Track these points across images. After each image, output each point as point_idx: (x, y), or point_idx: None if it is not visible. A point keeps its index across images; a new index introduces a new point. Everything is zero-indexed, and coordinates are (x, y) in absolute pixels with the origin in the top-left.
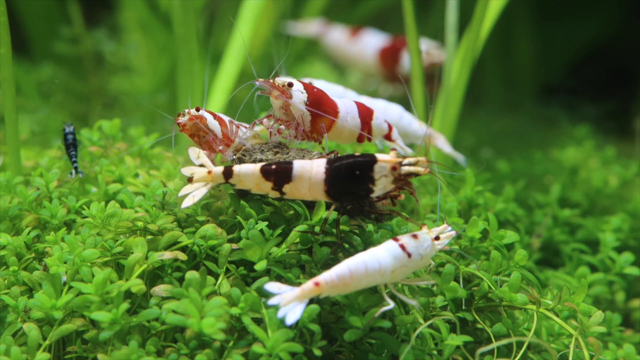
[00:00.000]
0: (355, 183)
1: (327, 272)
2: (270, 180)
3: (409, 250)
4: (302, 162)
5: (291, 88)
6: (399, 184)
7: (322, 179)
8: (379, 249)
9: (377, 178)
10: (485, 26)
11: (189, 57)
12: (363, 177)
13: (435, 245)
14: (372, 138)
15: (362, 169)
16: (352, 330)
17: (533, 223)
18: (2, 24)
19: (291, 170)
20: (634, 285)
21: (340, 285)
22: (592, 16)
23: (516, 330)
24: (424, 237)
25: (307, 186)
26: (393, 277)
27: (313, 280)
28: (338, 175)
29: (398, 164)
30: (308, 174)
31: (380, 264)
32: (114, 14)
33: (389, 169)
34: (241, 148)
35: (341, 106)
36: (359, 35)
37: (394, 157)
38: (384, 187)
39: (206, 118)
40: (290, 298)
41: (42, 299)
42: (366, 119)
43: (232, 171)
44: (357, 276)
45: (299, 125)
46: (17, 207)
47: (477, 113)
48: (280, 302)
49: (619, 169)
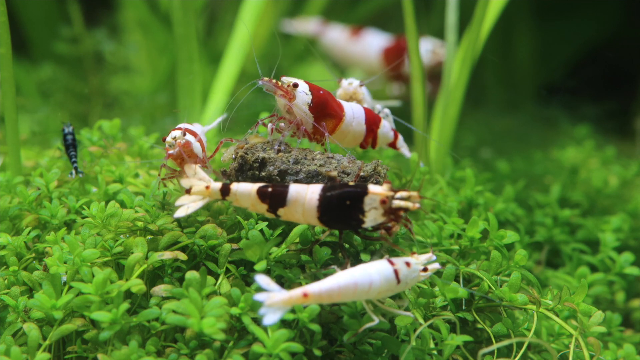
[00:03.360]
0: (346, 213)
1: (317, 284)
2: (266, 202)
3: (400, 277)
4: (298, 187)
5: (296, 89)
6: (390, 217)
7: (316, 205)
8: (373, 268)
9: (367, 210)
10: (485, 26)
11: (189, 57)
12: (353, 208)
13: (420, 276)
14: (377, 145)
15: (353, 199)
16: (351, 332)
17: (533, 223)
18: (2, 24)
19: (286, 195)
20: (634, 285)
21: (326, 299)
22: (592, 16)
23: (516, 330)
24: (415, 267)
25: (301, 211)
26: (377, 296)
27: (302, 290)
28: (330, 203)
29: (388, 197)
30: (302, 199)
31: (371, 284)
32: (114, 14)
33: (378, 202)
34: (243, 146)
35: (348, 110)
36: (360, 35)
37: (385, 190)
38: (375, 219)
39: (191, 142)
40: (275, 300)
41: (42, 299)
42: (372, 127)
43: (229, 189)
44: (345, 293)
45: (300, 125)
46: (17, 207)
47: (477, 113)
48: (265, 301)
49: (619, 169)
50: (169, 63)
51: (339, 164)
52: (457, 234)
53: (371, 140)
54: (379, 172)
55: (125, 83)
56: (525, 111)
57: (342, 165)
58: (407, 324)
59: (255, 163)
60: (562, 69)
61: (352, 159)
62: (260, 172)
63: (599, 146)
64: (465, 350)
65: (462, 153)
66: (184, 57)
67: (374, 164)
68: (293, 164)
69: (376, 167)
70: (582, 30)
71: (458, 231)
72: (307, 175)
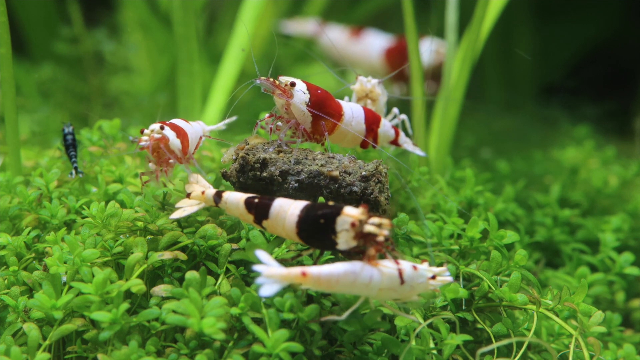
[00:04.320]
0: (321, 232)
1: (318, 268)
2: (252, 213)
3: (404, 278)
4: (283, 201)
5: (293, 88)
6: (361, 241)
7: (295, 221)
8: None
9: (339, 231)
10: (485, 26)
11: (189, 57)
12: (327, 228)
13: (429, 284)
14: (377, 145)
15: (327, 219)
16: (351, 331)
17: (533, 223)
18: (2, 24)
19: (269, 207)
20: (634, 285)
21: (324, 286)
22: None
23: (516, 330)
24: (423, 272)
25: (282, 225)
26: (378, 295)
27: (302, 269)
28: (307, 221)
29: (359, 221)
30: (284, 214)
31: (371, 279)
32: (114, 14)
33: (349, 225)
34: (244, 147)
35: (347, 110)
36: (360, 35)
37: (357, 214)
38: (347, 242)
39: (169, 138)
40: (274, 273)
41: (42, 299)
42: (372, 126)
43: (221, 196)
44: (344, 282)
45: (299, 124)
46: (17, 207)
47: (477, 113)
48: (263, 272)
49: (619, 169)
50: (169, 63)
51: (340, 164)
52: (457, 234)
53: (372, 139)
54: (380, 171)
55: (125, 83)
56: (525, 111)
57: (343, 164)
58: (407, 324)
59: (257, 163)
60: (562, 69)
61: (352, 159)
62: (262, 172)
63: (599, 146)
64: (466, 350)
65: (462, 153)
66: (184, 57)
67: (375, 164)
68: (294, 164)
69: (377, 167)
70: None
71: (458, 231)
72: (308, 175)
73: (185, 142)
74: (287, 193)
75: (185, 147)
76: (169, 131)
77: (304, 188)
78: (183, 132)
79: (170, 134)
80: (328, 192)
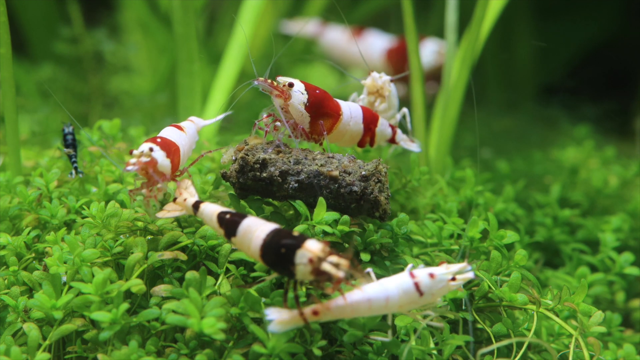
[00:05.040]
0: (280, 261)
1: (327, 303)
2: (222, 227)
3: (422, 289)
4: (252, 221)
5: (291, 88)
6: (317, 278)
7: (260, 244)
8: (392, 283)
9: (297, 263)
10: (486, 26)
11: (189, 57)
12: (287, 258)
13: (450, 286)
14: (374, 144)
15: (287, 249)
16: (351, 332)
17: (533, 223)
18: (2, 24)
19: (238, 225)
20: (634, 285)
21: (338, 316)
22: (592, 16)
23: (516, 330)
24: (441, 277)
25: (248, 245)
26: (399, 309)
27: (312, 309)
28: (270, 247)
29: (317, 258)
30: (251, 235)
31: (387, 299)
32: (114, 14)
33: (307, 259)
34: (243, 148)
35: (345, 110)
36: (361, 35)
37: (317, 250)
38: (303, 275)
39: (157, 161)
40: (286, 318)
41: (42, 299)
42: (370, 125)
43: (198, 208)
44: (358, 309)
45: (297, 124)
46: (17, 207)
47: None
48: (276, 318)
49: (619, 169)
50: (169, 63)
51: (340, 164)
52: (457, 234)
53: (369, 139)
54: (380, 170)
55: (125, 83)
56: (525, 111)
57: (343, 164)
58: (407, 323)
59: (256, 164)
60: (562, 69)
61: (352, 159)
62: (262, 173)
63: (599, 146)
64: (467, 350)
65: (462, 153)
66: (184, 57)
67: (375, 163)
68: (294, 165)
69: (377, 166)
70: (582, 31)
71: (458, 231)
72: (308, 175)
73: (176, 158)
74: (287, 193)
75: (176, 165)
76: (158, 152)
77: (303, 188)
78: (174, 148)
79: (159, 155)
80: (328, 192)
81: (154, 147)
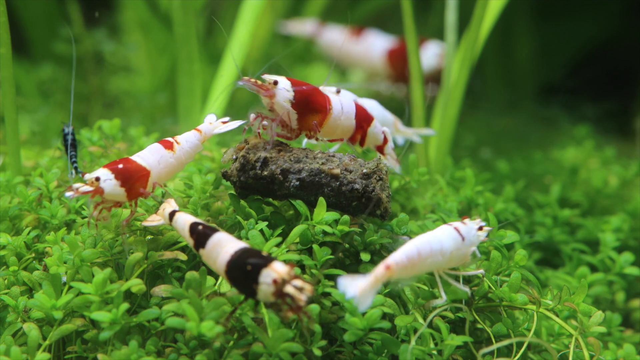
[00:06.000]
0: (245, 278)
1: (395, 254)
2: (193, 238)
3: (462, 234)
4: (222, 237)
5: (276, 86)
6: (278, 300)
7: (226, 260)
8: (436, 231)
9: (261, 282)
10: (485, 26)
11: (189, 57)
12: (251, 276)
13: (479, 235)
14: (364, 145)
15: (254, 267)
16: (352, 331)
17: (533, 223)
18: (2, 24)
19: (208, 237)
20: (634, 285)
21: (409, 266)
22: (592, 16)
23: (516, 330)
24: (470, 224)
25: (214, 260)
26: (450, 260)
27: (384, 264)
28: (236, 263)
29: (282, 279)
30: (219, 249)
31: (442, 244)
32: (114, 14)
33: (271, 280)
34: (244, 147)
35: (336, 105)
36: (362, 36)
37: (283, 272)
38: (266, 295)
39: (104, 190)
40: (365, 287)
41: (42, 299)
42: (362, 123)
43: (172, 217)
44: (424, 255)
45: (284, 122)
46: (17, 207)
47: (477, 113)
48: (356, 293)
49: (619, 169)
50: (169, 63)
51: (341, 162)
52: None
53: (359, 137)
54: (381, 168)
55: (125, 83)
56: (525, 111)
57: (344, 163)
58: (407, 323)
59: (257, 162)
60: (562, 69)
61: (352, 157)
62: (263, 171)
63: (599, 146)
64: (467, 350)
65: (462, 153)
66: (184, 57)
67: (376, 161)
68: (295, 163)
69: (378, 164)
70: (582, 31)
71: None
72: (309, 174)
73: (140, 184)
74: (288, 192)
75: (137, 192)
76: (108, 182)
77: (305, 186)
78: (140, 175)
79: (107, 185)
80: (329, 190)
81: (104, 175)
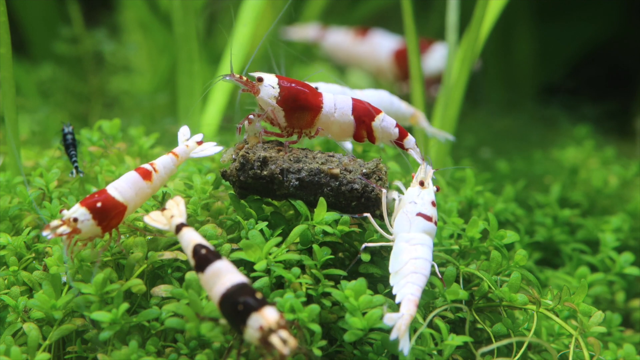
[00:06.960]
0: (234, 316)
1: (411, 288)
2: (194, 259)
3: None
4: (224, 266)
5: (261, 83)
6: (262, 346)
7: (221, 293)
8: (423, 249)
9: (248, 326)
10: (485, 26)
11: (189, 57)
12: (240, 316)
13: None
14: (376, 141)
15: (245, 308)
16: (352, 331)
17: (533, 223)
18: (2, 24)
19: (209, 263)
20: (634, 285)
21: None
22: (592, 16)
23: (516, 330)
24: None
25: (210, 288)
26: None
27: (413, 302)
28: (230, 298)
29: (268, 328)
30: (217, 279)
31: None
32: (114, 14)
33: (258, 325)
34: (243, 147)
35: (327, 102)
36: (367, 36)
37: (272, 321)
38: (251, 338)
39: (81, 230)
40: (404, 328)
41: (42, 299)
42: (363, 118)
43: (180, 230)
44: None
45: (271, 119)
46: (17, 207)
47: (477, 113)
48: (398, 336)
49: (619, 169)
50: (169, 63)
51: (340, 162)
52: (457, 234)
53: (365, 133)
54: (380, 169)
55: (125, 83)
56: (525, 111)
57: (343, 162)
58: None
59: (257, 162)
60: (562, 69)
61: (352, 157)
62: (262, 170)
63: (599, 146)
64: (467, 350)
65: (462, 153)
66: (184, 57)
67: (376, 162)
68: (294, 163)
69: (378, 165)
70: (582, 31)
71: (458, 231)
72: (309, 173)
73: (117, 219)
74: (287, 192)
75: (115, 225)
76: (85, 222)
77: (304, 186)
78: (118, 211)
79: (84, 226)
80: (329, 189)
81: (82, 216)
